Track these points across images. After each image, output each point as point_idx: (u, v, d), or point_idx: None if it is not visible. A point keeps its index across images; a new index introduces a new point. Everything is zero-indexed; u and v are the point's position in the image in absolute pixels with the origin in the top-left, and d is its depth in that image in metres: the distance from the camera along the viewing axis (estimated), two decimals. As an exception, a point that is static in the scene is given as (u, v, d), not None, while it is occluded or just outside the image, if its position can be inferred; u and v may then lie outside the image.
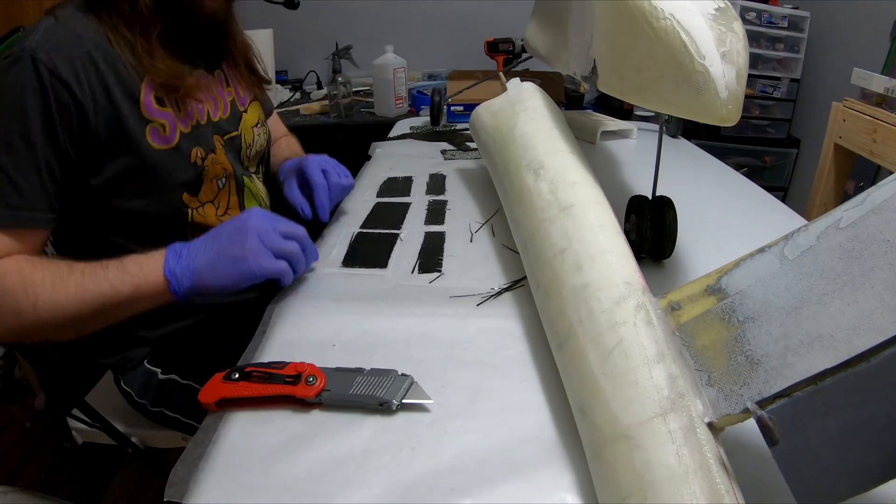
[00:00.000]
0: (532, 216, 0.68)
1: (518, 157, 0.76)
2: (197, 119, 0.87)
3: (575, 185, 0.67)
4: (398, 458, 0.50)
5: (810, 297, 0.42)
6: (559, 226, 0.63)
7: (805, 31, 2.24)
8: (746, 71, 0.52)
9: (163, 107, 0.81)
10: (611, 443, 0.44)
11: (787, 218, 0.99)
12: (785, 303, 0.43)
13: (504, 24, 2.11)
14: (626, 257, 0.58)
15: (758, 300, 0.45)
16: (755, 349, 0.43)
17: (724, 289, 0.48)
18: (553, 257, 0.60)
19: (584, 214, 0.62)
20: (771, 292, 0.44)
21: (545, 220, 0.65)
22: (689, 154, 1.38)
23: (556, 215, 0.64)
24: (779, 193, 2.41)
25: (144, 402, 0.92)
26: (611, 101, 2.01)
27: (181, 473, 0.51)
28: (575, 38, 0.87)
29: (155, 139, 0.80)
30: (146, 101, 0.78)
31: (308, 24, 2.53)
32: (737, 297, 0.46)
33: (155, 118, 0.79)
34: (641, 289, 0.53)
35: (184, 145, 0.83)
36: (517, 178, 0.74)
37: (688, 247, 0.85)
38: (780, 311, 0.43)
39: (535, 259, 0.65)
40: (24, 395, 1.75)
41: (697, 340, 0.47)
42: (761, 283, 0.45)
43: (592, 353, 0.50)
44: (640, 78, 0.57)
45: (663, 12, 0.52)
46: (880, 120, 1.39)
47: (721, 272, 0.49)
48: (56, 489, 1.48)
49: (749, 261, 0.48)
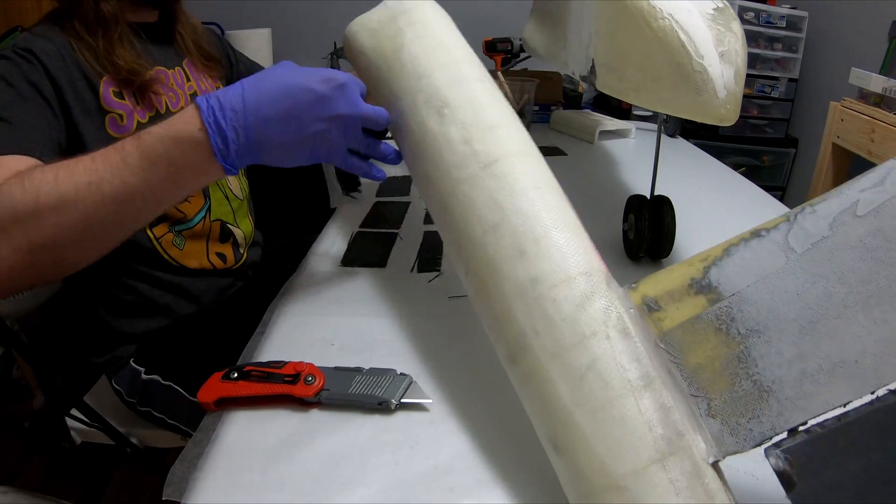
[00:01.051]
0: (445, 174, 0.55)
1: (413, 91, 0.60)
2: (156, 109, 0.89)
3: (493, 128, 0.55)
4: (397, 457, 0.50)
5: (828, 308, 0.35)
6: (483, 190, 0.51)
7: (803, 31, 2.24)
8: (745, 71, 0.52)
9: (121, 99, 0.84)
10: (601, 492, 0.38)
11: (786, 217, 0.99)
12: (797, 314, 0.36)
13: (502, 23, 2.11)
14: (576, 231, 0.49)
15: (762, 307, 0.38)
16: (764, 373, 0.37)
17: (716, 286, 0.40)
18: (483, 235, 0.50)
19: (513, 172, 0.52)
20: (778, 298, 0.37)
21: (462, 180, 0.53)
22: (688, 154, 1.38)
23: (475, 174, 0.52)
24: (777, 193, 2.41)
25: (133, 401, 0.93)
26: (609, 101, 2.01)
27: (180, 473, 0.51)
28: (573, 38, 0.87)
29: (113, 128, 0.84)
30: (105, 94, 0.82)
31: (306, 24, 2.53)
32: (734, 299, 0.39)
33: (113, 109, 0.83)
34: (604, 278, 0.46)
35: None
36: (415, 118, 0.59)
37: (686, 246, 0.85)
38: (791, 325, 0.36)
39: (457, 235, 0.54)
40: (22, 395, 1.74)
41: (689, 356, 0.40)
42: (764, 283, 0.38)
43: (559, 376, 0.42)
44: (638, 77, 0.57)
45: (662, 12, 0.53)
46: (878, 119, 1.40)
47: (707, 260, 0.41)
48: (55, 489, 1.48)
49: (742, 248, 0.40)
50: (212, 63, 1.05)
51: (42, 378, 1.38)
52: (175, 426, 0.92)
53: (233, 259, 1.03)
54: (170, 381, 0.91)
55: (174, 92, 0.94)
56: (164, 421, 0.92)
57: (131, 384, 0.93)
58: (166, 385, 0.91)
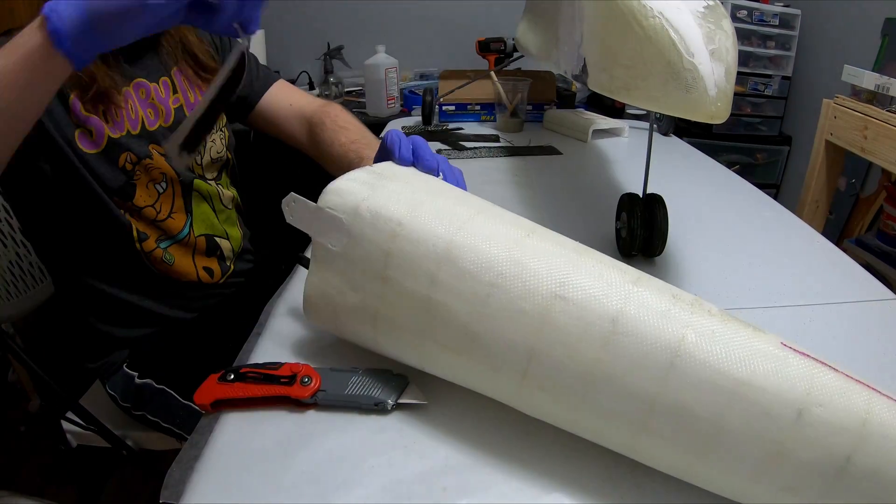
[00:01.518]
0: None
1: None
2: (128, 130, 0.86)
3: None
4: (393, 457, 0.50)
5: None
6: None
7: (796, 29, 2.25)
8: (735, 68, 0.52)
9: (90, 113, 0.82)
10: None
11: (779, 215, 1.00)
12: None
13: (495, 23, 2.12)
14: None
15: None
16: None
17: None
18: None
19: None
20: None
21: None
22: (681, 152, 1.38)
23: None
24: (771, 191, 2.42)
25: (128, 405, 0.93)
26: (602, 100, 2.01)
27: (177, 475, 0.51)
28: (565, 37, 0.87)
29: (84, 143, 0.82)
30: (75, 107, 0.80)
31: (299, 25, 2.53)
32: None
33: (83, 123, 0.81)
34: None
35: (112, 150, 0.84)
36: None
37: (679, 244, 0.85)
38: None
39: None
40: (18, 398, 1.74)
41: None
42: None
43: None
44: (629, 76, 0.58)
45: (652, 10, 0.53)
46: (871, 116, 1.40)
47: None
48: (52, 493, 1.47)
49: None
50: (208, 74, 0.99)
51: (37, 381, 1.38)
52: (170, 429, 0.92)
53: (219, 273, 1.02)
54: (162, 385, 0.91)
55: (154, 107, 0.90)
56: (159, 424, 0.92)
57: (125, 389, 0.93)
58: (159, 389, 0.91)
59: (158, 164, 0.90)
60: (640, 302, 0.45)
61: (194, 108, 0.64)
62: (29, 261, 1.10)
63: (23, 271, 1.09)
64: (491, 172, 1.18)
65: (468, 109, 1.55)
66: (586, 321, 0.44)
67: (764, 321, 0.68)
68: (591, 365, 0.44)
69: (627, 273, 0.48)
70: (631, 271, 0.49)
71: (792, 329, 0.67)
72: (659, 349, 0.42)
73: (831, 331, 0.67)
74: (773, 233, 0.93)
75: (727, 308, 0.70)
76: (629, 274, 0.48)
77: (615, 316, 0.44)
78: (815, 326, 0.68)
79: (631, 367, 0.43)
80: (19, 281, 1.08)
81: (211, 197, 1.01)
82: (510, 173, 1.16)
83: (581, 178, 1.18)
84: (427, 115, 1.51)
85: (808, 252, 0.87)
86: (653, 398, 0.42)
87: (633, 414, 0.43)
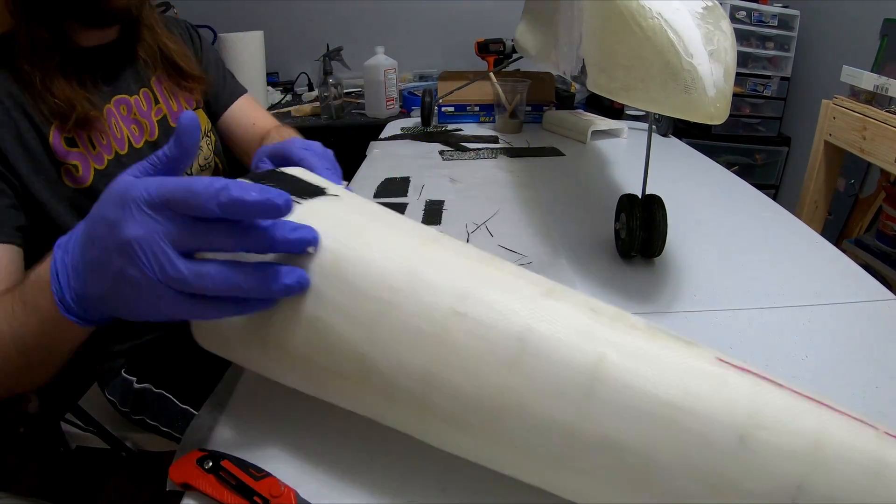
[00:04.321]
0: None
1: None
2: (115, 152, 0.83)
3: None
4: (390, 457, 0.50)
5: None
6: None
7: (795, 30, 2.25)
8: (734, 69, 0.52)
9: (72, 147, 0.78)
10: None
11: (778, 216, 1.00)
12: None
13: (495, 24, 2.12)
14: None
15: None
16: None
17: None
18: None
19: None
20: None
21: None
22: (680, 153, 1.38)
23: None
24: (770, 191, 2.42)
25: (127, 410, 0.93)
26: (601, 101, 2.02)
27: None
28: (564, 38, 0.87)
29: (70, 180, 0.78)
30: (55, 144, 0.76)
31: (299, 26, 2.53)
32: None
33: (67, 160, 0.77)
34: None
35: (99, 184, 0.80)
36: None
37: (678, 245, 0.85)
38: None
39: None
40: (17, 399, 1.74)
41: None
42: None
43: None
44: (628, 77, 0.58)
45: (651, 11, 0.53)
46: (870, 117, 1.40)
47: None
48: (50, 494, 1.47)
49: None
50: (189, 82, 0.95)
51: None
52: (169, 433, 0.91)
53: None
54: (161, 389, 0.91)
55: (137, 123, 0.86)
56: (158, 429, 0.92)
57: (124, 394, 0.93)
58: (158, 393, 0.91)
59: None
60: (553, 317, 0.39)
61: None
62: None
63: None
64: (490, 173, 1.17)
65: (467, 110, 1.55)
66: (489, 340, 0.39)
67: (763, 321, 0.69)
68: (498, 391, 0.38)
69: (539, 284, 0.43)
70: (544, 282, 0.44)
71: (791, 329, 0.67)
72: (575, 372, 0.37)
73: (830, 331, 0.67)
74: (772, 233, 0.93)
75: (726, 308, 0.71)
76: (541, 285, 0.43)
77: (522, 334, 0.39)
78: (814, 327, 0.68)
79: (543, 393, 0.38)
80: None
81: None
82: (510, 174, 1.16)
83: (580, 179, 1.18)
84: (426, 117, 1.51)
85: (807, 252, 0.87)
86: (571, 428, 0.37)
87: (550, 447, 0.38)
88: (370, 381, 0.42)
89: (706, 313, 0.71)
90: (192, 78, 0.95)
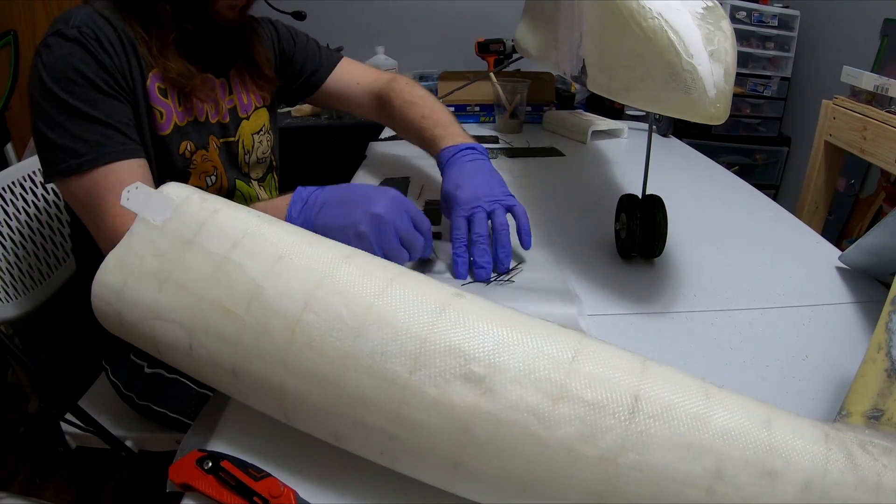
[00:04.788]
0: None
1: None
2: (195, 116, 0.89)
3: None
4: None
5: None
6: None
7: (795, 30, 2.25)
8: (734, 69, 0.52)
9: (164, 97, 0.84)
10: None
11: (778, 216, 1.00)
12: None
13: (495, 24, 2.12)
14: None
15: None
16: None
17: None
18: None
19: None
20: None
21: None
22: (681, 153, 1.38)
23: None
24: (770, 191, 2.42)
25: (131, 394, 0.93)
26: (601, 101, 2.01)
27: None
28: (564, 38, 0.87)
29: (152, 124, 0.83)
30: (150, 88, 0.82)
31: (299, 26, 2.52)
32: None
33: (155, 105, 0.83)
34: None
35: (175, 136, 0.86)
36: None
37: (678, 245, 0.85)
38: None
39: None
40: (17, 399, 1.74)
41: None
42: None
43: None
44: (628, 77, 0.58)
45: (651, 11, 0.53)
46: (870, 117, 1.40)
47: (882, 348, 0.42)
48: (51, 494, 1.47)
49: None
50: (263, 83, 1.02)
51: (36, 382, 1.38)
52: (178, 420, 0.91)
53: None
54: (175, 374, 0.91)
55: (216, 102, 0.92)
56: (166, 415, 0.92)
57: (130, 377, 0.93)
58: (171, 378, 0.91)
59: (212, 156, 0.92)
60: (399, 295, 0.44)
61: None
62: (28, 262, 1.10)
63: (21, 272, 1.09)
64: (490, 173, 1.17)
65: (467, 111, 1.56)
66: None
67: (763, 321, 0.69)
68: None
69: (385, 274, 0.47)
70: (391, 268, 0.48)
71: (790, 330, 0.67)
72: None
73: (830, 331, 0.67)
74: (772, 233, 0.93)
75: (727, 308, 0.71)
76: (386, 274, 0.46)
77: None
78: (814, 327, 0.68)
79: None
80: (18, 282, 1.08)
81: (250, 199, 1.01)
82: (510, 174, 1.16)
83: (580, 179, 1.18)
84: (426, 116, 1.51)
85: (807, 253, 0.87)
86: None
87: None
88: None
89: (706, 313, 0.71)
90: (266, 79, 1.02)
